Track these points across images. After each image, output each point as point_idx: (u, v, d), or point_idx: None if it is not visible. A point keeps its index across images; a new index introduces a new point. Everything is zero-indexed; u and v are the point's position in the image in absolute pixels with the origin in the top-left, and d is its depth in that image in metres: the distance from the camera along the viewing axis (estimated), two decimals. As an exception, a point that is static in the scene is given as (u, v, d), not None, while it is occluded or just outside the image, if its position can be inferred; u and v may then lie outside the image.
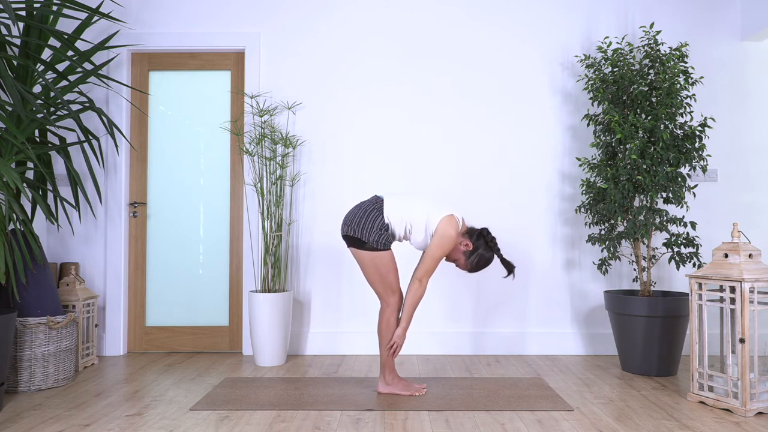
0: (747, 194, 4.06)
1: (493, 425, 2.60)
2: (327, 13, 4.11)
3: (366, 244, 2.91)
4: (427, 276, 2.91)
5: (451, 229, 2.88)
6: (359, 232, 2.91)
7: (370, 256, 2.92)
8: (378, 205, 2.95)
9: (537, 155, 4.08)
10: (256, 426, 2.58)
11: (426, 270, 2.90)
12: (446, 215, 2.91)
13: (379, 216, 2.92)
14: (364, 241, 2.90)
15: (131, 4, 4.10)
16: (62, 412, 2.79)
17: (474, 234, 2.97)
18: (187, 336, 4.13)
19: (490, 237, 2.96)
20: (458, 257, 2.99)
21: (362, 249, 2.92)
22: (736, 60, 4.08)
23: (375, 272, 2.94)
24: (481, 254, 2.94)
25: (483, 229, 2.97)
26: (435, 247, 2.88)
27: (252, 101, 4.07)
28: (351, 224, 2.93)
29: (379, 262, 2.93)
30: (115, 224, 4.06)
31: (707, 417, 2.71)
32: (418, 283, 2.91)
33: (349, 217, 2.97)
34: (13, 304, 3.19)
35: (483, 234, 2.96)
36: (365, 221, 2.91)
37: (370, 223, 2.90)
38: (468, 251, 2.96)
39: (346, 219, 2.97)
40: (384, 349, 3.01)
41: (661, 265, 4.06)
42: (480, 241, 2.95)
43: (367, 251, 2.92)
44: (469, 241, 2.96)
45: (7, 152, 3.17)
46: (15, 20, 2.79)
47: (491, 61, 4.10)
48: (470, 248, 2.96)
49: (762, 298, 2.83)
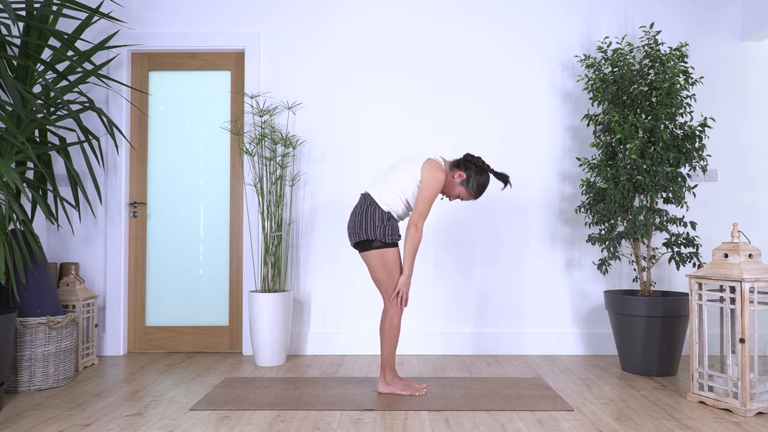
0: (747, 194, 4.06)
1: (493, 425, 2.60)
2: (327, 13, 4.11)
3: (374, 242, 2.93)
4: (422, 219, 2.92)
5: (434, 169, 2.92)
6: (364, 233, 2.93)
7: (378, 253, 2.94)
8: (369, 200, 2.97)
9: (537, 155, 4.08)
10: (256, 426, 2.58)
11: (420, 213, 2.92)
12: (425, 160, 2.95)
13: (376, 209, 2.94)
14: (371, 239, 2.93)
15: (131, 4, 4.10)
16: (62, 412, 2.79)
17: (461, 163, 3.02)
18: (187, 336, 4.13)
19: (477, 159, 3.01)
20: (458, 190, 3.03)
21: (371, 249, 2.94)
22: (736, 60, 4.08)
23: (382, 269, 2.95)
24: (477, 178, 3.00)
25: (466, 155, 3.03)
26: (425, 190, 2.91)
27: (252, 101, 4.07)
28: (354, 230, 2.96)
29: (387, 258, 2.94)
30: (115, 224, 4.06)
31: (707, 417, 2.71)
32: (414, 228, 2.91)
33: (350, 225, 3.00)
34: (13, 304, 3.19)
35: (469, 159, 3.01)
36: (366, 221, 2.93)
37: (371, 220, 2.92)
38: (464, 180, 3.00)
39: (349, 228, 3.01)
40: (385, 348, 3.02)
41: (661, 265, 4.06)
42: (470, 166, 3.00)
43: (375, 250, 2.94)
44: (461, 171, 3.00)
45: (7, 152, 3.17)
46: (15, 20, 2.79)
47: (491, 61, 4.10)
48: (464, 177, 3.00)
49: (762, 298, 2.83)
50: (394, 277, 2.97)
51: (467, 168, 3.00)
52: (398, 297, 2.97)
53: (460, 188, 3.02)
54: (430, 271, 4.07)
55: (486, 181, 3.02)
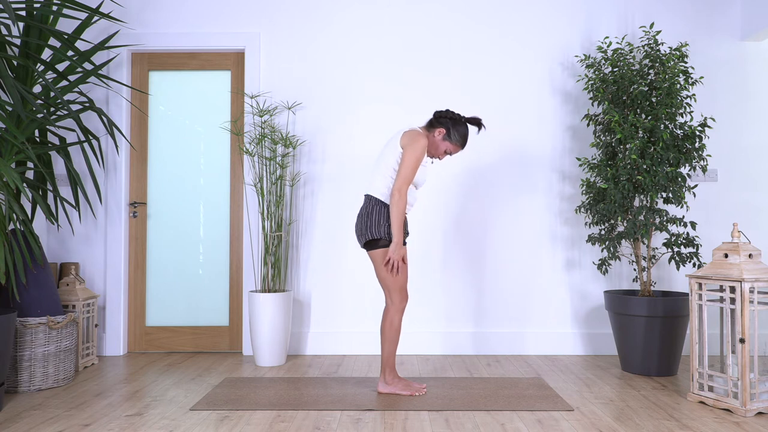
0: (747, 194, 4.06)
1: (493, 425, 2.60)
2: (327, 13, 4.11)
3: (380, 241, 2.95)
4: (405, 184, 2.91)
5: (414, 136, 2.95)
6: (370, 233, 2.95)
7: (384, 252, 2.96)
8: (372, 200, 2.99)
9: (537, 155, 4.08)
10: (256, 426, 2.58)
11: (403, 178, 2.91)
12: (402, 134, 2.98)
13: (382, 207, 2.97)
14: (378, 238, 2.95)
15: (131, 4, 4.10)
16: (62, 412, 2.79)
17: (435, 122, 3.06)
18: (187, 336, 4.13)
19: (446, 112, 3.06)
20: (443, 147, 3.06)
21: (377, 248, 2.96)
22: (736, 60, 4.08)
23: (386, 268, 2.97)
24: (457, 128, 3.04)
25: (435, 113, 3.08)
26: (407, 156, 2.92)
27: (252, 101, 4.07)
28: (362, 231, 2.99)
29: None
30: (115, 224, 4.06)
31: (707, 417, 2.71)
32: (397, 194, 2.90)
33: (357, 226, 3.02)
34: (13, 304, 3.19)
35: (440, 115, 3.05)
36: (372, 220, 2.96)
37: (376, 220, 2.95)
38: (445, 135, 3.04)
39: (356, 230, 3.03)
40: (385, 348, 3.02)
41: (661, 265, 4.06)
42: (444, 121, 3.04)
43: (382, 249, 2.96)
44: (439, 128, 3.03)
45: (7, 152, 3.17)
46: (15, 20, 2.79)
47: (491, 61, 4.10)
48: (444, 132, 3.03)
49: (762, 298, 2.83)
50: (397, 277, 2.98)
51: (442, 123, 3.05)
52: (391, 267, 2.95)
53: (444, 143, 3.05)
54: (430, 271, 4.07)
55: (466, 128, 3.07)
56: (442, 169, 4.08)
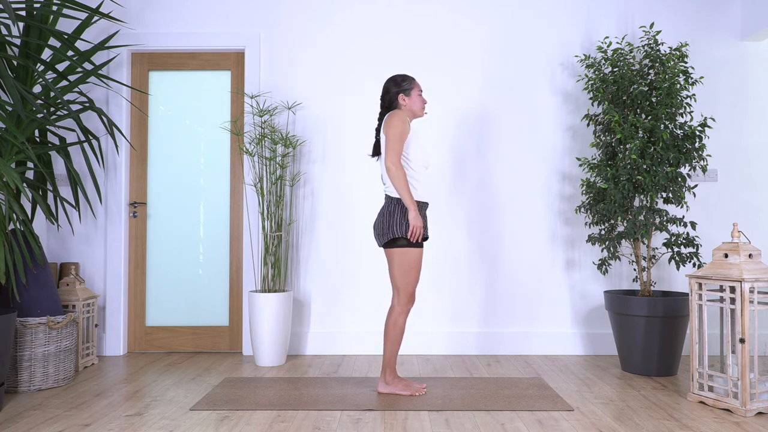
0: (747, 194, 4.06)
1: (493, 425, 2.60)
2: (327, 14, 4.11)
3: (399, 240, 2.97)
4: (397, 156, 2.94)
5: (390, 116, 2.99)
6: (391, 232, 2.96)
7: (402, 251, 2.98)
8: (393, 200, 3.00)
9: (537, 155, 4.08)
10: (256, 426, 2.58)
11: (391, 150, 2.94)
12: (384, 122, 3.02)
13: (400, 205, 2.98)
14: (396, 237, 2.96)
15: (131, 4, 4.10)
16: (62, 412, 2.79)
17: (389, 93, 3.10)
18: (187, 336, 4.13)
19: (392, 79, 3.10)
20: (411, 102, 3.10)
21: (396, 246, 2.98)
22: (736, 60, 4.08)
23: (400, 268, 2.98)
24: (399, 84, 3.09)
25: (381, 97, 3.13)
26: (389, 133, 2.96)
27: (252, 101, 4.07)
28: (383, 230, 2.99)
29: (409, 258, 2.97)
30: (115, 224, 4.06)
31: (707, 417, 2.71)
32: (393, 167, 2.92)
33: (376, 226, 3.03)
34: (13, 304, 3.19)
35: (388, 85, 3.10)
36: (390, 219, 2.97)
37: (397, 219, 2.96)
38: (402, 96, 3.08)
39: (375, 230, 3.05)
40: (388, 348, 3.02)
41: (661, 265, 4.06)
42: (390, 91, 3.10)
43: (400, 248, 2.97)
44: (400, 95, 3.08)
45: (7, 152, 3.17)
46: (15, 20, 2.79)
47: (491, 61, 4.10)
48: (401, 95, 3.08)
49: (762, 298, 2.83)
50: (409, 279, 2.99)
51: (391, 94, 3.09)
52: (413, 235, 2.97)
53: (410, 100, 3.09)
54: (431, 271, 4.07)
55: (398, 75, 3.11)
56: (441, 168, 4.08)
